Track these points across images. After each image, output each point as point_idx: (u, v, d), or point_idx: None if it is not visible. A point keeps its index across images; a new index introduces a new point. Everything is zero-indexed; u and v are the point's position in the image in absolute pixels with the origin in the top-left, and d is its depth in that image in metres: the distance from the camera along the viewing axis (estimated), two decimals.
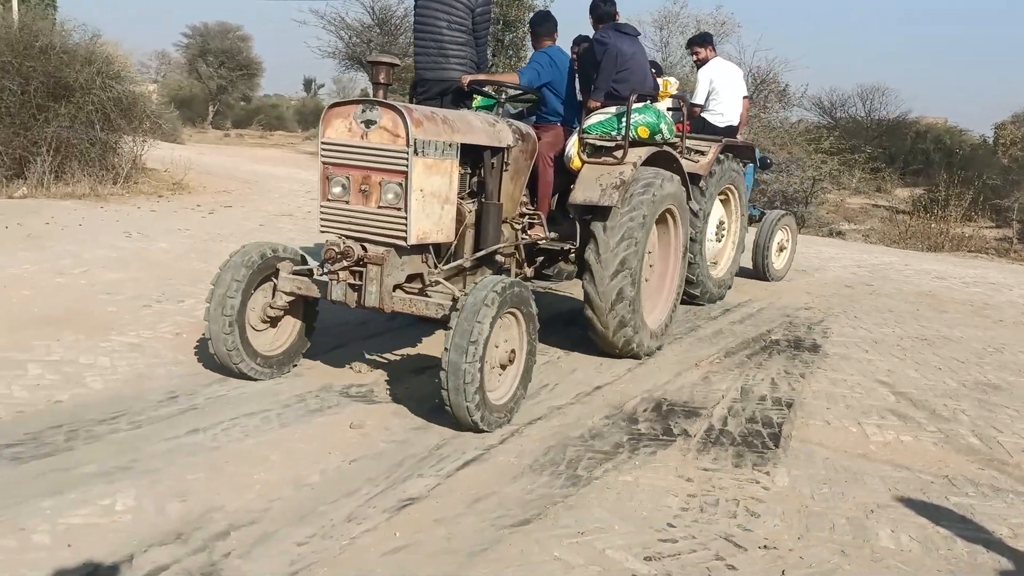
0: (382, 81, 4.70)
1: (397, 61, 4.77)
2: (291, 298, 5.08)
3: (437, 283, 4.94)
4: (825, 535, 3.70)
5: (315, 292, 4.96)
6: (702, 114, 8.78)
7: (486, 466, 4.20)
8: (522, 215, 5.97)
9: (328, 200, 4.81)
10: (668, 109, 7.02)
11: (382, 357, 5.90)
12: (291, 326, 5.32)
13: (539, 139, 6.04)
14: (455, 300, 4.52)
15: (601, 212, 5.87)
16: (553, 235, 6.10)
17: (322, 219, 4.85)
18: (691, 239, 7.52)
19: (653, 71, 8.09)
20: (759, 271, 10.09)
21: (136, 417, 4.45)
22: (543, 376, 5.69)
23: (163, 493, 3.61)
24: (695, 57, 9.15)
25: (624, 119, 6.03)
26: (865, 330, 7.97)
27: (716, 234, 8.60)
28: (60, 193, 12.96)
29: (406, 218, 4.60)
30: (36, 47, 14.25)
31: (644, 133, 6.19)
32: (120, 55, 16.09)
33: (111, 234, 9.68)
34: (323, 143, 4.79)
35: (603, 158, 6.04)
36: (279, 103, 59.30)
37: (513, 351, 4.68)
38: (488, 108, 6.40)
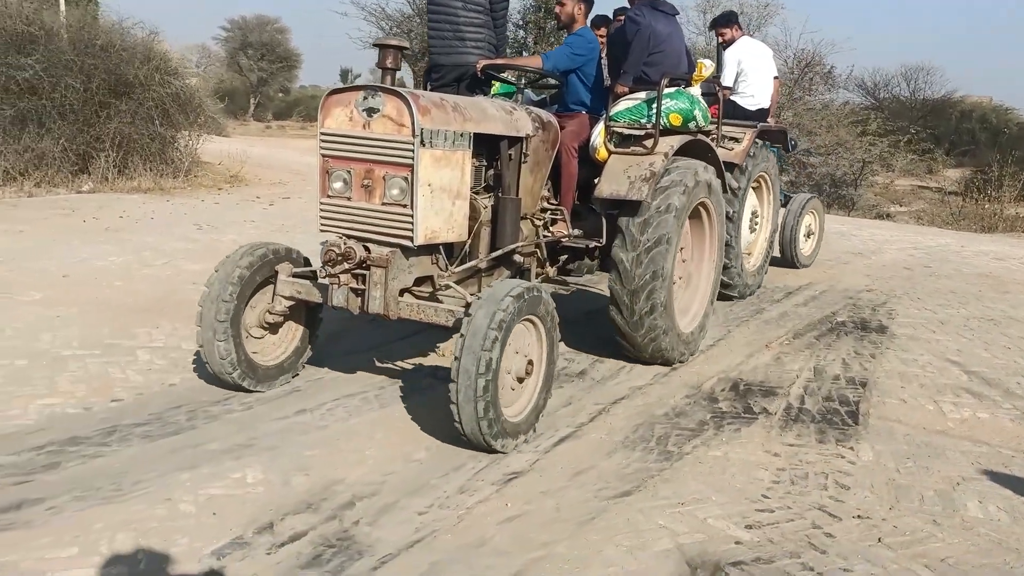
0: (389, 66, 4.29)
1: (405, 44, 4.39)
2: (291, 303, 4.69)
3: (448, 287, 4.57)
4: (915, 506, 3.85)
5: (316, 297, 4.56)
6: (731, 97, 8.25)
7: (580, 442, 4.40)
8: (543, 211, 5.53)
9: (328, 196, 4.40)
10: (703, 94, 6.54)
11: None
12: (292, 333, 4.96)
13: (562, 128, 5.58)
14: (468, 306, 4.09)
15: (629, 207, 5.39)
16: (577, 232, 5.66)
17: (322, 218, 4.44)
18: (725, 216, 7.07)
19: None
20: (787, 258, 9.73)
21: (244, 399, 4.70)
22: (621, 359, 5.87)
23: (286, 467, 3.85)
24: (720, 39, 8.59)
25: (655, 105, 5.55)
26: (930, 311, 8.03)
27: (749, 225, 8.25)
28: (125, 187, 13.37)
29: (412, 216, 4.19)
30: (97, 45, 14.67)
31: (676, 120, 5.69)
32: (176, 52, 16.54)
33: (183, 226, 10.01)
34: (322, 134, 4.37)
35: (632, 148, 5.56)
36: (317, 94, 59.89)
37: (531, 362, 4.23)
38: (508, 95, 6.01)
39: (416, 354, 5.72)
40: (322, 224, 4.44)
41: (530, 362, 4.21)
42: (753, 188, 8.11)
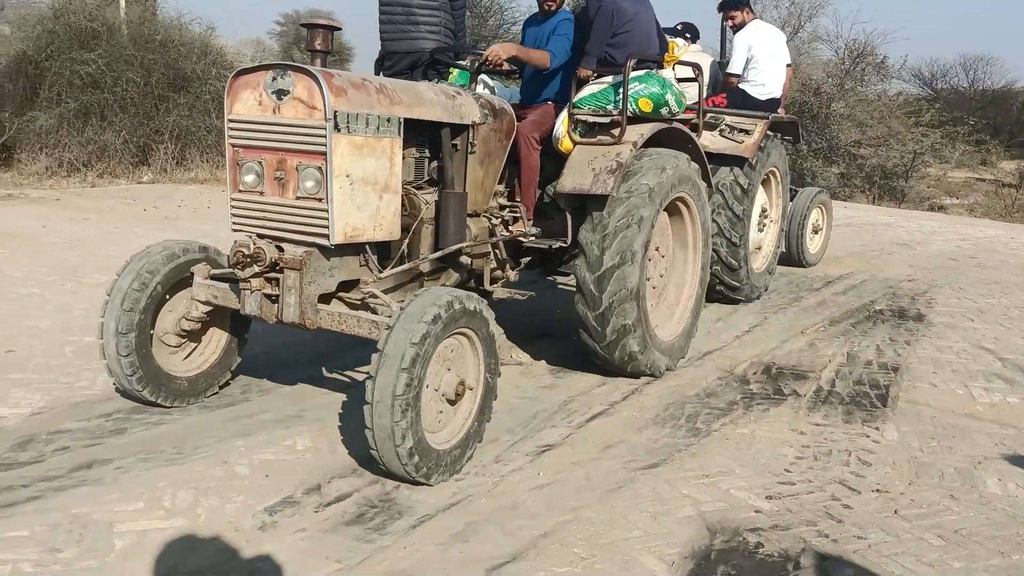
0: (319, 48, 3.95)
1: (337, 24, 4.06)
2: (208, 308, 4.21)
3: (372, 294, 4.04)
4: (935, 482, 3.97)
5: (234, 303, 4.06)
6: (740, 85, 7.61)
7: (612, 419, 4.59)
8: (502, 207, 5.04)
9: (240, 191, 3.94)
10: (679, 80, 5.92)
11: (503, 324, 6.32)
12: (216, 340, 4.50)
13: (523, 118, 5.14)
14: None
15: (594, 203, 4.90)
16: (534, 231, 5.07)
17: (233, 215, 3.99)
18: (732, 231, 6.92)
19: (688, 36, 7.53)
20: (793, 256, 9.11)
21: (293, 376, 4.97)
22: None
23: (332, 437, 4.11)
24: (730, 22, 7.90)
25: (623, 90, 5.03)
26: (970, 300, 8.05)
27: (758, 224, 7.70)
28: (183, 178, 13.86)
29: (328, 211, 3.72)
30: (156, 41, 15.19)
31: (647, 106, 5.11)
32: (232, 47, 17.02)
33: None
34: (230, 120, 3.90)
35: (598, 138, 5.07)
36: None
37: (463, 383, 3.74)
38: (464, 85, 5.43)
39: None
40: (234, 223, 4.00)
41: (462, 382, 3.72)
42: (761, 183, 7.58)
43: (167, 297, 4.21)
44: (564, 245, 5.11)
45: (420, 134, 4.37)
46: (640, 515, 3.50)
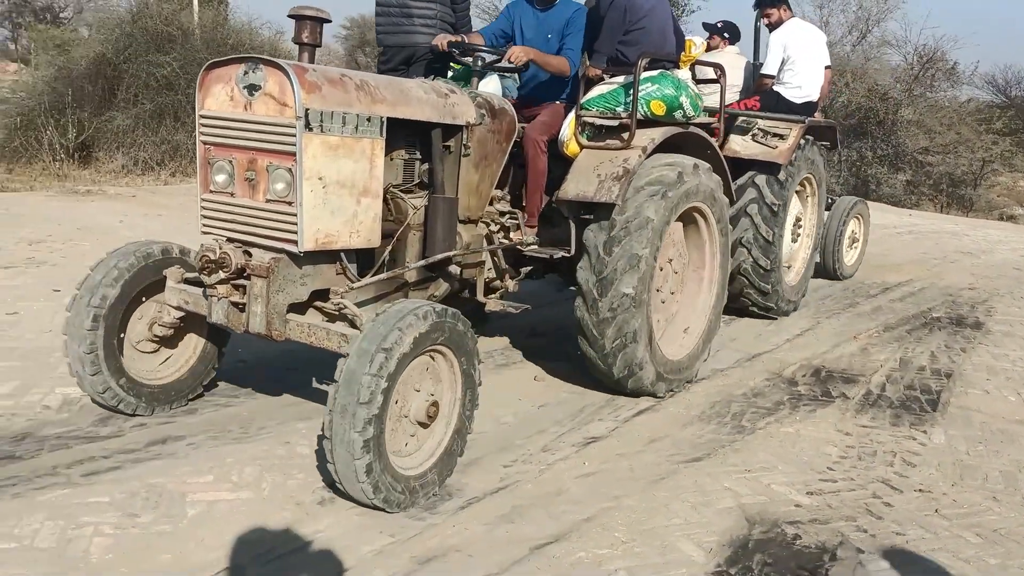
0: (306, 40, 3.71)
1: (326, 15, 3.77)
2: (181, 313, 3.99)
3: (342, 305, 3.76)
4: (978, 484, 4.01)
5: (204, 309, 3.84)
6: (775, 87, 7.07)
7: (658, 415, 4.71)
8: (502, 213, 4.75)
9: (211, 192, 3.74)
10: (697, 81, 5.63)
11: (553, 321, 6.48)
12: (191, 347, 4.27)
13: (528, 117, 4.88)
14: None
15: (600, 211, 4.62)
16: (532, 240, 4.80)
17: (203, 217, 3.78)
18: (767, 241, 6.48)
19: (727, 36, 7.49)
20: (829, 269, 8.69)
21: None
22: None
23: None
24: (766, 20, 7.35)
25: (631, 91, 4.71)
26: None
27: (792, 236, 7.21)
28: None
29: (298, 215, 3.48)
30: (228, 44, 15.69)
31: (659, 109, 4.79)
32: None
33: None
34: (201, 116, 3.71)
35: (607, 142, 4.77)
36: None
37: (436, 404, 3.49)
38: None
39: (507, 331, 6.12)
40: (203, 225, 3.79)
41: (434, 404, 3.46)
42: (796, 192, 7.11)
43: (142, 299, 4.03)
44: (567, 255, 4.78)
45: (410, 134, 4.14)
46: (681, 505, 3.62)
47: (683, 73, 5.10)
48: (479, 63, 4.80)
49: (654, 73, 4.83)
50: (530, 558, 3.13)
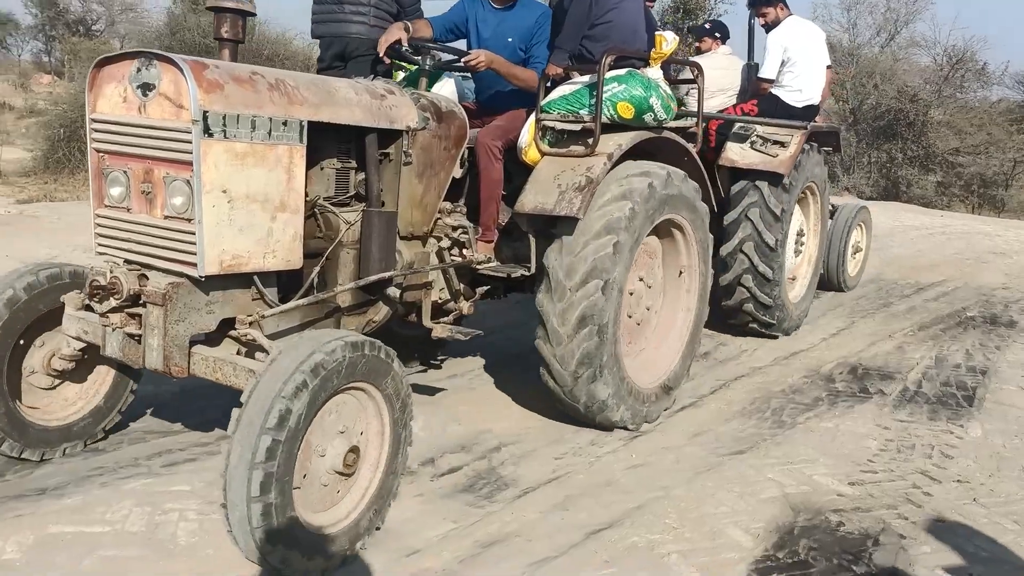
0: (226, 35, 3.38)
1: (249, 8, 3.45)
2: (83, 344, 3.49)
3: (248, 336, 3.23)
4: (1015, 474, 4.13)
5: (101, 340, 3.37)
6: (773, 90, 6.50)
7: (700, 410, 4.87)
8: (455, 228, 4.27)
9: (105, 207, 3.31)
10: (674, 82, 5.15)
11: None
12: (98, 384, 3.83)
13: (486, 123, 4.50)
14: None
15: (563, 225, 4.18)
16: (481, 257, 4.31)
17: (97, 235, 3.36)
18: (769, 248, 5.96)
19: (718, 35, 7.11)
20: (832, 280, 8.16)
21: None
22: (741, 341, 6.28)
23: (442, 418, 4.50)
24: (762, 20, 6.82)
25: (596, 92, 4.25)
26: None
27: (794, 249, 6.70)
28: None
29: (197, 234, 3.04)
30: (264, 55, 16.07)
31: (627, 112, 4.31)
32: None
33: None
34: (92, 119, 3.28)
35: (570, 148, 4.33)
36: None
37: (356, 449, 3.03)
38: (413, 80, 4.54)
39: None
40: (98, 245, 3.36)
41: (354, 449, 3.02)
42: (797, 201, 6.53)
43: (36, 328, 3.56)
44: (527, 273, 4.38)
45: (343, 140, 3.76)
46: (727, 494, 3.78)
47: (654, 72, 4.55)
48: (429, 62, 4.39)
49: (621, 72, 4.36)
50: (586, 542, 3.30)
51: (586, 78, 4.40)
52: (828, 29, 22.69)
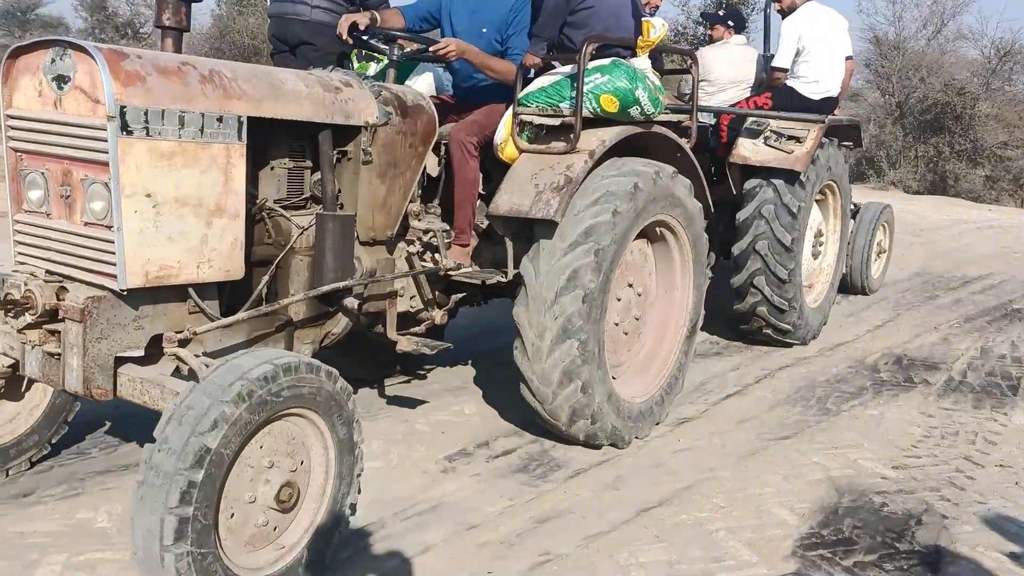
0: (167, 23, 3.11)
1: None
2: (12, 360, 3.10)
3: (175, 355, 2.87)
4: None
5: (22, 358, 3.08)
6: (789, 81, 6.07)
7: (745, 398, 4.99)
8: (426, 231, 4.00)
9: (24, 212, 3.03)
10: (664, 72, 4.71)
11: None
12: (34, 405, 3.51)
13: (458, 119, 4.20)
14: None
15: (542, 228, 3.88)
16: (451, 264, 3.99)
17: (16, 243, 3.07)
18: (785, 248, 5.59)
19: (731, 23, 6.77)
20: (855, 283, 7.73)
21: (453, 353, 5.58)
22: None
23: (495, 404, 4.67)
24: (778, 5, 6.37)
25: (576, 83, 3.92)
26: None
27: (812, 251, 6.27)
28: None
29: (116, 243, 2.75)
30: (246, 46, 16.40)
31: (611, 105, 3.98)
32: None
33: None
34: (7, 115, 3.00)
35: (551, 144, 4.03)
36: None
37: (291, 483, 2.75)
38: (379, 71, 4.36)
39: None
40: (17, 254, 3.07)
41: (288, 484, 2.73)
42: (816, 200, 6.19)
43: None
44: (504, 280, 4.08)
45: (296, 138, 3.47)
46: (773, 476, 3.90)
47: (641, 62, 4.21)
48: (397, 52, 4.09)
49: (605, 62, 4.02)
50: (636, 519, 3.45)
51: (567, 69, 4.08)
52: (873, 22, 22.55)
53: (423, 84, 4.64)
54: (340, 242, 3.43)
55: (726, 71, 6.54)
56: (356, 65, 4.66)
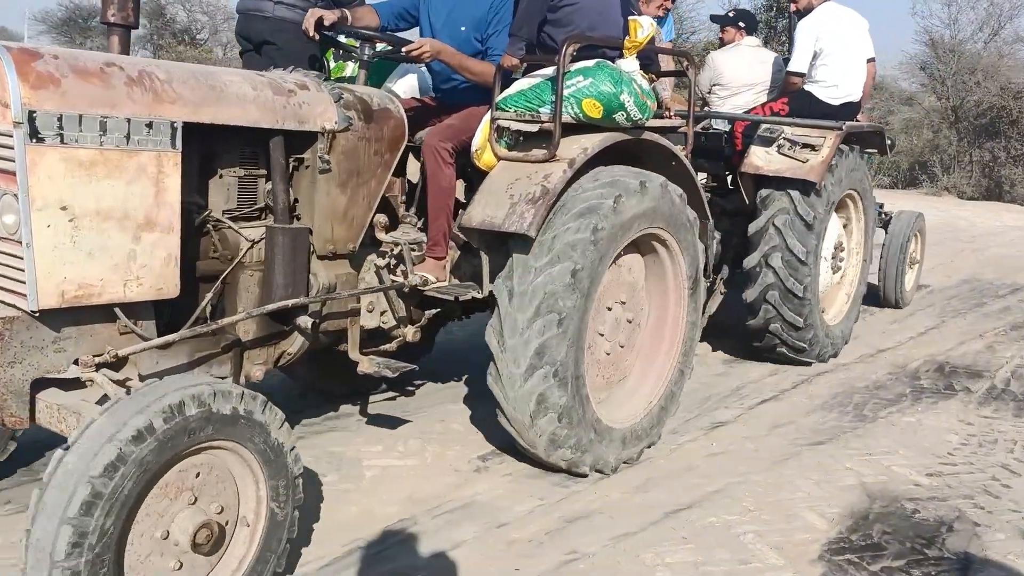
0: (112, 20, 2.93)
1: None
2: None
3: (90, 380, 2.68)
4: None
5: None
6: (806, 86, 5.78)
7: (782, 403, 4.99)
8: (396, 243, 3.72)
9: None
10: (658, 75, 4.64)
11: None
12: None
13: (433, 124, 3.96)
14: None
15: (517, 242, 3.62)
16: (416, 280, 3.69)
17: None
18: (799, 261, 5.30)
19: (742, 24, 6.58)
20: (888, 296, 7.39)
21: (481, 361, 5.67)
22: None
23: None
24: (794, 6, 6.10)
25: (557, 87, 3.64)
26: None
27: (831, 264, 5.88)
28: None
29: (26, 260, 2.56)
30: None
31: (594, 111, 3.69)
32: None
33: None
34: None
35: (533, 151, 3.73)
36: None
37: (207, 526, 2.48)
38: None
39: None
40: None
41: (204, 525, 2.47)
42: (836, 210, 5.85)
43: None
44: (478, 296, 3.84)
45: (247, 144, 3.24)
46: (805, 481, 3.92)
47: (628, 64, 3.88)
48: (368, 52, 3.87)
49: (589, 64, 3.75)
50: (665, 521, 3.50)
51: (550, 71, 3.78)
52: (929, 24, 22.17)
53: (405, 85, 4.43)
54: (291, 256, 3.24)
55: (738, 74, 6.35)
56: (333, 65, 4.44)
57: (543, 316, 3.50)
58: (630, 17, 4.04)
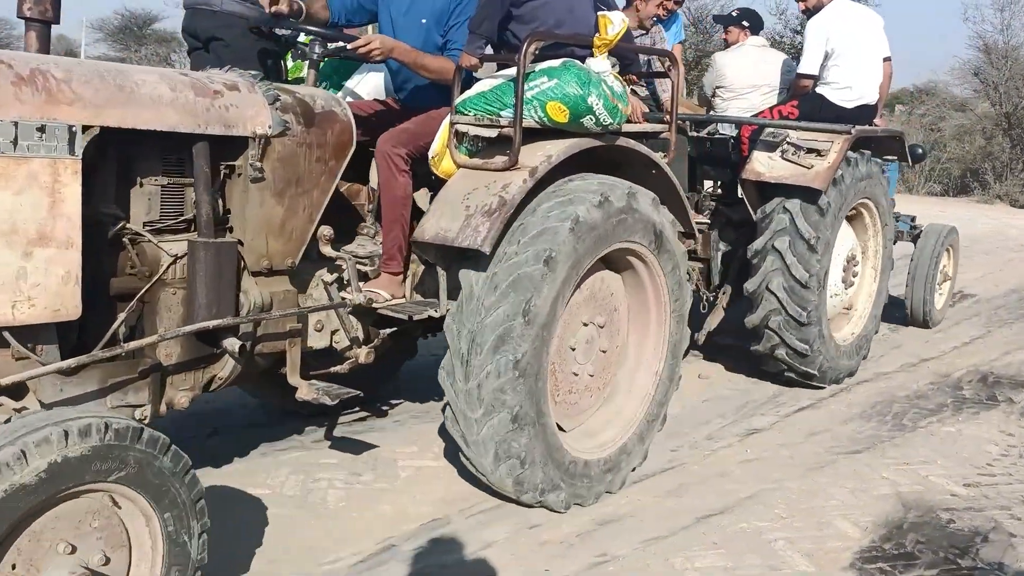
0: (29, 14, 2.70)
1: None
2: None
3: None
4: None
5: None
6: (818, 88, 5.44)
7: (819, 411, 4.97)
8: (351, 257, 3.44)
9: None
10: (646, 75, 4.37)
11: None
12: None
13: (385, 127, 3.71)
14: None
15: (470, 262, 3.35)
16: (360, 299, 3.39)
17: None
18: (801, 285, 4.94)
19: (746, 24, 6.30)
20: (918, 316, 6.91)
21: None
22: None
23: None
24: (803, 4, 5.71)
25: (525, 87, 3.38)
26: None
27: (843, 277, 5.51)
28: None
29: None
30: None
31: (560, 115, 3.41)
32: None
33: None
34: None
35: (496, 159, 3.43)
36: None
37: (89, 568, 2.22)
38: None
39: None
40: None
41: (87, 568, 2.21)
42: (847, 218, 5.47)
43: None
44: (435, 315, 3.51)
45: (170, 150, 2.96)
46: (839, 489, 3.90)
47: (598, 63, 3.59)
48: (316, 52, 3.56)
49: (555, 63, 3.48)
50: (695, 526, 3.51)
51: (512, 71, 3.46)
52: (981, 30, 21.75)
53: (369, 86, 4.20)
54: (215, 273, 2.95)
55: (741, 75, 6.06)
56: (291, 65, 4.17)
57: (496, 358, 3.19)
58: (600, 12, 3.75)
